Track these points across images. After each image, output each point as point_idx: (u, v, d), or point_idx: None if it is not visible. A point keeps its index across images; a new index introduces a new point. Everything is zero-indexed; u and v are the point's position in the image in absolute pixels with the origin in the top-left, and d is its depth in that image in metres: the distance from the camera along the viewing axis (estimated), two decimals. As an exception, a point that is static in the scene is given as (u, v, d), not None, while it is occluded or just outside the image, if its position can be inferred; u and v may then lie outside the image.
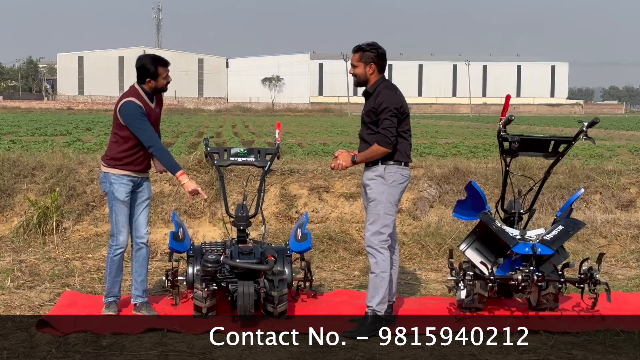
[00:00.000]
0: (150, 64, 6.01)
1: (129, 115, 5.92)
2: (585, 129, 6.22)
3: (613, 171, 10.39)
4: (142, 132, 5.93)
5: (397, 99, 5.80)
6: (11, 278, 7.18)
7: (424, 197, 9.72)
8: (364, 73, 5.89)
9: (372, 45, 5.90)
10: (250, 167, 7.94)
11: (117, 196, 6.05)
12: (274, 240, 8.67)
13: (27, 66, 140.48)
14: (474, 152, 23.04)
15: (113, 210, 6.09)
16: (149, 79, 6.03)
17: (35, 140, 26.82)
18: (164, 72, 6.07)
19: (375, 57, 5.88)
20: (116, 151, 6.05)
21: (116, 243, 6.08)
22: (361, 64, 5.89)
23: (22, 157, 10.38)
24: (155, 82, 6.05)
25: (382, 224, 5.81)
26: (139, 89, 6.06)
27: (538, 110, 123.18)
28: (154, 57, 6.09)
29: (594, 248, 8.76)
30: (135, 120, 5.91)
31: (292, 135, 36.17)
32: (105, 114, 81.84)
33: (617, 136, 39.35)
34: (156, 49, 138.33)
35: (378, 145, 5.75)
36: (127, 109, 5.94)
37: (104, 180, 6.14)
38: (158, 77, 6.04)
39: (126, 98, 5.99)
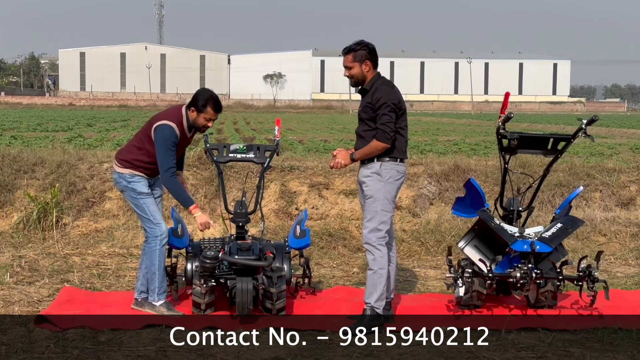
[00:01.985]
0: (204, 98, 6.00)
1: (162, 138, 5.90)
2: (584, 127, 6.22)
3: (613, 169, 10.38)
4: (164, 160, 5.90)
5: (394, 94, 5.81)
6: (10, 273, 7.19)
7: (424, 195, 9.73)
8: (361, 72, 5.88)
9: (361, 43, 5.89)
10: (250, 164, 7.96)
11: (140, 190, 6.04)
12: (273, 236, 8.68)
13: (28, 62, 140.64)
14: (475, 149, 23.04)
15: (142, 204, 6.04)
16: (193, 108, 6.01)
17: (36, 136, 26.84)
18: (210, 115, 6.03)
19: (368, 54, 5.87)
20: (134, 157, 6.04)
21: (160, 232, 6.05)
22: (356, 63, 5.87)
23: (22, 152, 10.38)
24: (196, 115, 6.02)
25: (379, 221, 5.81)
26: (184, 115, 6.04)
27: (540, 108, 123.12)
28: (211, 95, 6.06)
29: (593, 246, 8.76)
30: (165, 146, 5.90)
31: (293, 132, 36.16)
32: (107, 110, 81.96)
33: (619, 134, 39.33)
34: (158, 45, 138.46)
35: (377, 141, 5.75)
36: (163, 132, 5.92)
37: (119, 180, 6.10)
38: (201, 114, 6.00)
39: (167, 121, 5.96)
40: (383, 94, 5.75)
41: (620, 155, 19.21)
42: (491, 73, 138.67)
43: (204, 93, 6.05)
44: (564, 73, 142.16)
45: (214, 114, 6.05)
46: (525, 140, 6.33)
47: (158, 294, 6.07)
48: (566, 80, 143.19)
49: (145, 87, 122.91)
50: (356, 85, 5.98)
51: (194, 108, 6.01)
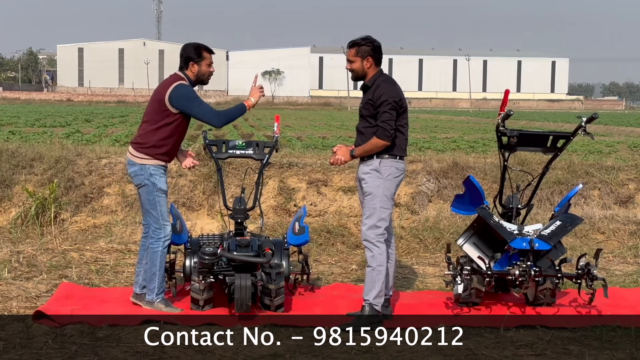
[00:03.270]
0: (194, 48, 5.99)
1: (183, 97, 5.85)
2: (584, 125, 6.21)
3: (612, 167, 10.38)
4: (201, 108, 5.88)
5: (395, 92, 5.80)
6: (8, 269, 7.18)
7: (423, 192, 9.72)
8: (362, 67, 5.89)
9: (367, 39, 5.90)
10: (249, 160, 7.94)
11: (161, 187, 5.98)
12: (271, 233, 8.67)
13: (27, 57, 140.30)
14: (473, 147, 23.03)
15: (156, 201, 5.97)
16: (192, 62, 5.97)
17: (35, 132, 26.78)
18: (209, 59, 6.02)
19: (372, 50, 5.87)
20: (157, 138, 5.93)
21: (164, 235, 6.02)
22: (358, 58, 5.88)
23: (20, 148, 10.36)
24: (198, 67, 5.98)
25: (378, 218, 5.81)
26: (183, 76, 6.00)
27: (538, 106, 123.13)
28: (198, 43, 6.06)
29: (592, 244, 8.76)
30: (192, 99, 5.86)
31: (291, 129, 36.14)
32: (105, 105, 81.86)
33: (617, 132, 39.32)
34: (156, 41, 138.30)
35: (377, 139, 5.75)
36: (181, 90, 5.86)
37: (140, 173, 5.96)
38: (202, 62, 5.98)
39: (176, 82, 5.91)
40: (384, 91, 5.75)
41: (619, 153, 19.24)
42: (489, 71, 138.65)
43: (190, 46, 6.03)
44: (562, 71, 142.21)
45: (211, 57, 6.05)
46: (525, 138, 6.32)
47: (157, 294, 6.06)
48: (564, 78, 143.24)
49: (144, 82, 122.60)
50: (357, 79, 5.99)
51: (192, 63, 5.97)
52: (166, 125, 5.93)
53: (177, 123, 5.95)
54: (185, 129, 6.14)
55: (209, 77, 6.09)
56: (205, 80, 6.09)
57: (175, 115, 5.91)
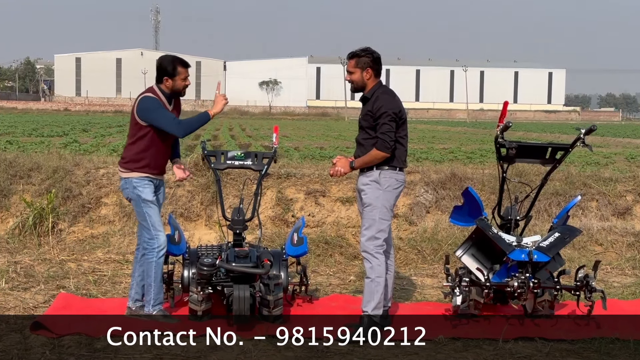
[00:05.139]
0: (169, 63, 5.98)
1: (146, 109, 5.88)
2: (582, 136, 6.21)
3: (609, 178, 10.39)
4: (163, 119, 5.87)
5: (395, 103, 5.81)
6: (6, 279, 7.16)
7: (421, 203, 9.72)
8: (361, 79, 5.90)
9: (367, 50, 5.91)
10: (247, 171, 7.94)
11: (145, 197, 5.99)
12: (270, 244, 8.65)
13: (24, 67, 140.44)
14: (471, 157, 23.05)
15: (145, 212, 5.99)
16: (166, 77, 5.98)
17: (32, 141, 26.75)
18: (184, 73, 6.01)
19: (371, 62, 5.88)
20: (133, 152, 5.98)
21: (158, 244, 6.02)
22: (357, 69, 5.89)
23: (18, 157, 10.35)
24: (172, 82, 5.99)
25: (377, 229, 5.80)
26: (156, 89, 6.02)
27: (535, 117, 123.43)
28: (174, 57, 6.07)
29: (590, 255, 8.76)
30: (154, 111, 5.86)
31: (289, 139, 36.14)
32: (102, 115, 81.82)
33: (614, 143, 39.38)
34: (154, 51, 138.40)
35: (377, 150, 5.76)
36: (145, 102, 5.89)
37: (126, 187, 6.04)
38: (176, 77, 5.98)
39: (143, 94, 5.96)
40: (384, 102, 5.76)
41: (616, 165, 19.26)
42: (486, 81, 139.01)
43: (164, 59, 6.03)
44: (559, 82, 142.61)
45: (186, 71, 6.01)
46: (524, 150, 6.33)
47: (153, 305, 6.05)
48: (561, 89, 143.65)
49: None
50: (356, 90, 5.99)
51: (166, 77, 5.98)
52: (140, 139, 5.97)
53: (150, 135, 5.96)
54: (165, 140, 6.09)
55: (185, 89, 6.10)
56: (181, 92, 6.11)
57: (146, 127, 5.94)
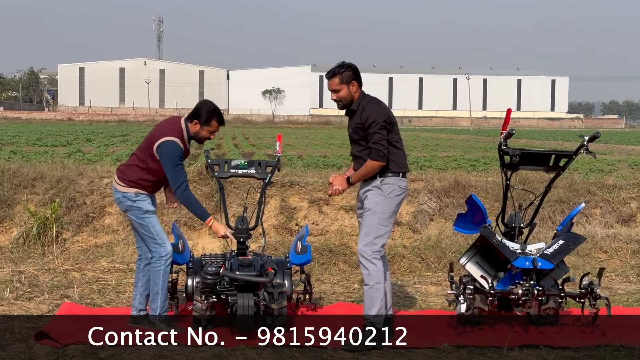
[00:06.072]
0: (207, 111, 5.99)
1: (168, 155, 5.88)
2: (586, 144, 6.21)
3: (613, 186, 10.38)
4: (176, 177, 5.89)
5: (382, 111, 5.80)
6: (10, 289, 7.17)
7: (424, 210, 9.71)
8: (349, 93, 5.86)
9: (344, 65, 5.88)
10: (251, 179, 7.94)
11: (147, 209, 6.02)
12: (273, 252, 8.65)
13: (28, 77, 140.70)
14: (474, 165, 23.03)
15: (147, 223, 6.02)
16: (197, 120, 5.99)
17: (36, 151, 26.79)
18: (214, 128, 6.03)
19: (353, 73, 5.86)
20: (139, 177, 6.01)
21: (165, 253, 6.04)
22: (343, 85, 5.85)
23: (22, 167, 10.37)
24: (199, 128, 6.00)
25: (375, 235, 5.79)
26: (184, 128, 6.02)
27: (538, 124, 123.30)
28: (215, 108, 6.06)
29: (595, 263, 8.74)
30: (173, 163, 5.88)
31: (292, 148, 36.15)
32: (106, 125, 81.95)
33: (617, 150, 39.33)
34: (157, 60, 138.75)
35: (372, 161, 5.76)
36: (169, 149, 5.89)
37: (122, 200, 6.05)
38: (205, 127, 5.99)
39: (170, 137, 5.92)
40: (371, 112, 5.75)
41: (620, 172, 19.23)
42: (489, 89, 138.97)
43: (207, 106, 6.04)
44: (562, 89, 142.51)
45: (218, 127, 6.05)
46: (527, 157, 6.32)
47: (159, 314, 6.05)
48: (564, 97, 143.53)
49: (144, 102, 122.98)
50: (344, 107, 5.94)
51: (197, 121, 5.99)
52: (152, 170, 6.00)
53: (162, 171, 5.98)
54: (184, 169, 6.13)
55: (205, 140, 6.13)
56: (200, 141, 6.13)
57: (160, 162, 5.97)
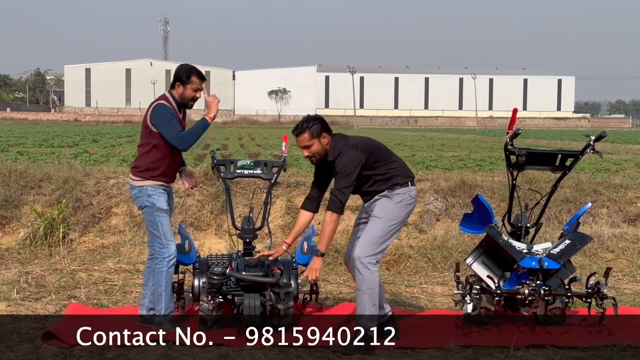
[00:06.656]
0: (185, 70, 6.00)
1: (158, 115, 5.89)
2: (592, 143, 6.20)
3: (620, 185, 10.36)
4: (170, 130, 5.85)
5: (355, 154, 5.62)
6: (17, 289, 7.19)
7: (430, 210, 9.71)
8: (322, 147, 5.72)
9: (310, 118, 5.77)
10: (257, 180, 7.95)
11: (160, 206, 5.99)
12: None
13: (34, 78, 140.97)
14: (480, 165, 23.01)
15: (157, 221, 5.99)
16: (178, 83, 5.99)
17: (42, 152, 26.85)
18: (196, 84, 5.99)
19: (321, 125, 5.73)
20: (149, 161, 5.97)
21: (169, 254, 6.02)
22: (314, 140, 5.72)
23: (29, 168, 10.40)
24: (183, 89, 5.98)
25: (377, 241, 5.68)
26: (169, 95, 6.03)
27: (544, 124, 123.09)
28: (191, 66, 6.06)
29: (601, 262, 8.73)
30: (165, 119, 5.87)
31: (298, 148, 36.07)
32: (112, 125, 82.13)
33: (624, 150, 39.24)
34: (163, 61, 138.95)
35: (329, 212, 5.61)
36: (157, 111, 5.91)
37: (139, 195, 6.01)
38: (187, 85, 5.97)
39: (156, 102, 5.98)
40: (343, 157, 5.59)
41: (627, 171, 19.19)
42: (495, 89, 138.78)
43: (184, 66, 6.04)
44: (568, 89, 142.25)
45: (200, 83, 6.01)
46: (533, 157, 6.32)
47: (164, 315, 6.05)
48: (571, 96, 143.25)
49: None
50: (319, 161, 5.79)
51: (179, 83, 5.98)
52: (155, 148, 5.96)
53: (164, 144, 5.95)
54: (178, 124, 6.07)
55: (193, 102, 6.07)
56: (188, 104, 6.08)
57: (159, 135, 5.95)
